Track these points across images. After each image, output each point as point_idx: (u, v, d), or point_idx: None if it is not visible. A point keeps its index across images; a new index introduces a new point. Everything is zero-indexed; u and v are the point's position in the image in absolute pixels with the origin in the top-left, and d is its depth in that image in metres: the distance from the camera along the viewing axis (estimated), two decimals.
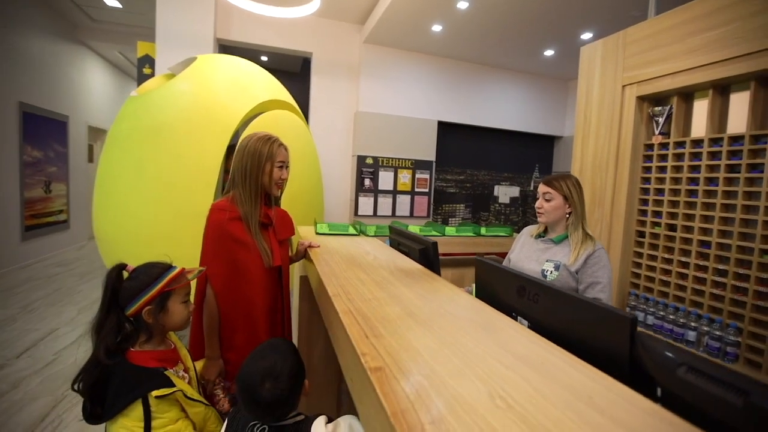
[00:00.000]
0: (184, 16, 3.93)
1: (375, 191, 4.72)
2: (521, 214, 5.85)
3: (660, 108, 2.28)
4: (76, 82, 5.88)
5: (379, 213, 4.75)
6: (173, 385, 0.89)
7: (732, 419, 0.43)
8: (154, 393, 0.85)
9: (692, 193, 2.09)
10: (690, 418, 0.45)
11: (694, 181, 2.08)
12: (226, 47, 4.39)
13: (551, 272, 1.43)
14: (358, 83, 4.67)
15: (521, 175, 5.84)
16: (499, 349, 0.65)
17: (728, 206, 1.92)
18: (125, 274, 0.96)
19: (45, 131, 5.09)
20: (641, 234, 2.35)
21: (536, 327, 0.75)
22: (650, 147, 2.32)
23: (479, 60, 5.05)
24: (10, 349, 2.72)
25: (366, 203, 4.68)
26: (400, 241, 1.53)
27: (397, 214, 4.88)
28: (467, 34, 4.20)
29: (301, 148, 3.00)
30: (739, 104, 1.96)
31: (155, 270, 0.96)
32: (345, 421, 0.81)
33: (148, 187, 2.37)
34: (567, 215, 1.48)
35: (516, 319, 0.82)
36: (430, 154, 4.97)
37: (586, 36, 4.01)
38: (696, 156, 2.08)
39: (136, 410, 0.84)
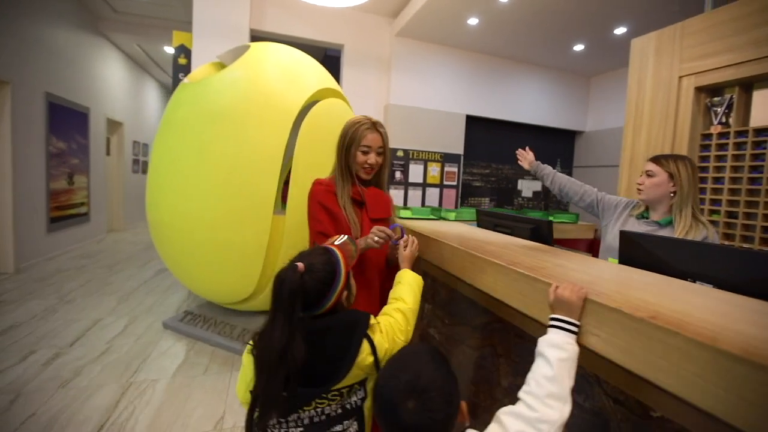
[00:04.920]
0: (220, 6, 3.91)
1: (405, 184, 4.74)
2: (543, 207, 5.89)
3: (719, 98, 2.32)
4: (97, 74, 5.82)
5: (409, 206, 4.76)
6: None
7: None
8: (371, 321, 0.86)
9: (755, 180, 2.13)
10: None
11: (757, 169, 2.13)
12: (259, 38, 4.37)
13: None
14: (389, 76, 4.68)
15: None
16: (718, 302, 0.67)
17: None
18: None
19: (68, 123, 5.04)
20: None
21: (725, 289, 0.78)
22: (708, 137, 2.36)
23: (506, 54, 5.09)
24: (60, 339, 2.71)
25: (396, 196, 4.69)
26: (497, 222, 1.55)
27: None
28: (502, 28, 4.23)
29: None
30: None
31: (322, 257, 0.87)
32: None
33: (210, 172, 2.37)
34: (671, 195, 1.38)
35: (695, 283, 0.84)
36: (458, 147, 5.00)
37: (620, 31, 4.06)
38: (759, 144, 2.12)
39: (365, 346, 0.82)
